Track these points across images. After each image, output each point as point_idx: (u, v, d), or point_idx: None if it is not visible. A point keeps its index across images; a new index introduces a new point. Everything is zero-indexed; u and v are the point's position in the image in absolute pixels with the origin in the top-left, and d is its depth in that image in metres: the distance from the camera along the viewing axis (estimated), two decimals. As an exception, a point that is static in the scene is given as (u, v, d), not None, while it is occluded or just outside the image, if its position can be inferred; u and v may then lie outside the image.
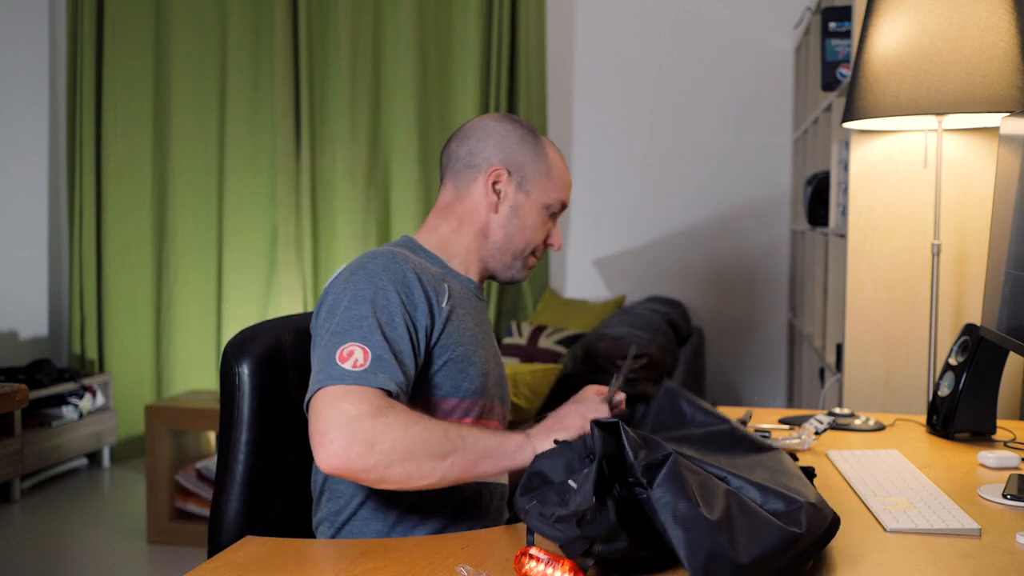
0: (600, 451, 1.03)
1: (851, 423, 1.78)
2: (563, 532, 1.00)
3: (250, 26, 4.52)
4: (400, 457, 1.19)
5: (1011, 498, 1.31)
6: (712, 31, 4.35)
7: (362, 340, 1.25)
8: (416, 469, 1.21)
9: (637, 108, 4.45)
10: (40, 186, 4.67)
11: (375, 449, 1.18)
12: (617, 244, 4.51)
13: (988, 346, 1.67)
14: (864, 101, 2.05)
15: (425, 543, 1.20)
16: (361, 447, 1.17)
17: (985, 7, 1.92)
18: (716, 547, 0.95)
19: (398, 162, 4.44)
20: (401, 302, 1.32)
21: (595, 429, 1.05)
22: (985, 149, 2.29)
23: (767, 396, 4.39)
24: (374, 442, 1.18)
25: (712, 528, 0.96)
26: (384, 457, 1.18)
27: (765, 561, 0.97)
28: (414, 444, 1.20)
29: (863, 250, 2.38)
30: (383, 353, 1.25)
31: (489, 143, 1.49)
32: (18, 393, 2.08)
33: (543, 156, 1.51)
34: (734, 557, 0.95)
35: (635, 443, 1.03)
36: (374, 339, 1.26)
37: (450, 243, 1.51)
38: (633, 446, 1.03)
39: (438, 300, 1.38)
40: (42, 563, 3.28)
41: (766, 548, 0.97)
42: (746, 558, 0.95)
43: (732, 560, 0.95)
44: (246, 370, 1.42)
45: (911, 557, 1.10)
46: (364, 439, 1.17)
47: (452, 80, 4.41)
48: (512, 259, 1.52)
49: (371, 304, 1.29)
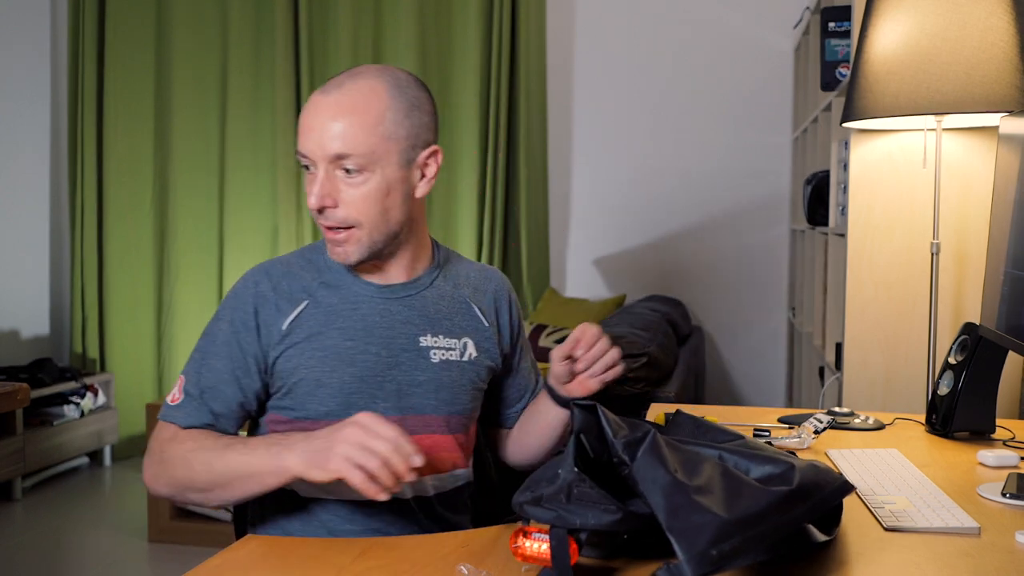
0: (577, 427, 1.05)
1: (850, 422, 1.78)
2: (553, 509, 1.00)
3: (251, 25, 4.53)
4: (179, 491, 1.32)
5: (1010, 497, 1.31)
6: (712, 31, 4.35)
7: (185, 373, 1.38)
8: (193, 499, 1.32)
9: (637, 108, 4.45)
10: (41, 185, 4.67)
11: (160, 481, 1.32)
12: (617, 244, 4.51)
13: (987, 345, 1.68)
14: (863, 101, 2.05)
15: (425, 542, 1.20)
16: (151, 478, 1.33)
17: (984, 7, 1.92)
18: (698, 509, 0.93)
19: (398, 161, 4.43)
20: (234, 330, 1.36)
21: (574, 409, 1.07)
22: (984, 149, 2.29)
23: (767, 395, 4.40)
24: (159, 475, 1.32)
25: (694, 491, 0.95)
26: (169, 489, 1.32)
27: (754, 518, 0.94)
28: (182, 482, 1.30)
29: (863, 249, 2.38)
30: (191, 389, 1.35)
31: None
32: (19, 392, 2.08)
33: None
34: (719, 513, 0.93)
35: (615, 424, 1.04)
36: (190, 373, 1.37)
37: None
38: (613, 427, 1.04)
39: (276, 323, 1.36)
40: (43, 562, 3.28)
41: (753, 507, 0.95)
42: (731, 515, 0.93)
43: (717, 516, 0.92)
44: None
45: (910, 556, 1.10)
46: (152, 472, 1.33)
47: (452, 80, 4.42)
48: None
49: (207, 335, 1.39)
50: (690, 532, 0.91)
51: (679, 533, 0.91)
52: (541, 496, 1.02)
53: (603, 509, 0.99)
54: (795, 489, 0.99)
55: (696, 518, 0.92)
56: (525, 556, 1.01)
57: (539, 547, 1.01)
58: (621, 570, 1.06)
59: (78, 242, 4.64)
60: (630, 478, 1.00)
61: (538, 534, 1.01)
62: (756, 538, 0.94)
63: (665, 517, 0.93)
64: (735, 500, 0.96)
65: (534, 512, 1.03)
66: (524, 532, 1.02)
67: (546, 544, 1.00)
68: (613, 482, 1.05)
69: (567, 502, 1.00)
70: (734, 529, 0.92)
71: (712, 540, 0.91)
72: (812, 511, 1.02)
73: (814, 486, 1.02)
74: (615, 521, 1.00)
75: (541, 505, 1.01)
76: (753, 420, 1.83)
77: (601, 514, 0.99)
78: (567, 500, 1.00)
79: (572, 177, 4.56)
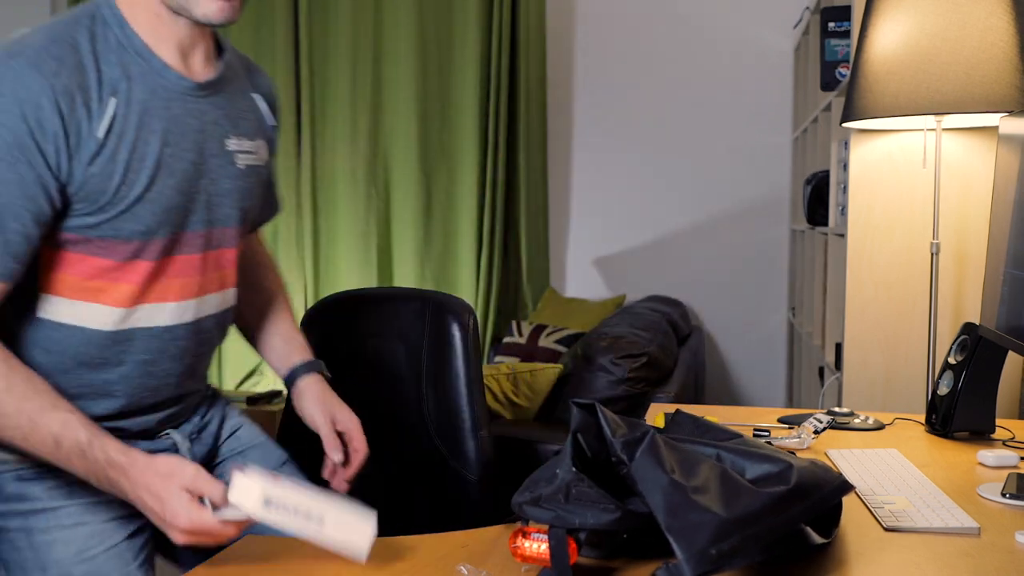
0: (574, 426, 1.05)
1: (850, 422, 1.78)
2: (551, 509, 1.00)
3: (251, 26, 4.52)
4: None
5: (1010, 497, 1.31)
6: (712, 31, 4.35)
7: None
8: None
9: (637, 108, 4.45)
10: (40, 186, 4.67)
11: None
12: (617, 244, 4.51)
13: (987, 345, 1.68)
14: (863, 101, 2.05)
15: (425, 542, 1.20)
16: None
17: (984, 7, 1.92)
18: (696, 508, 0.93)
19: (398, 162, 4.44)
20: (29, 131, 1.11)
21: (573, 408, 1.07)
22: (984, 149, 2.29)
23: (767, 395, 4.40)
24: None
25: (692, 491, 0.95)
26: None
27: (752, 517, 0.94)
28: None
29: (862, 249, 2.38)
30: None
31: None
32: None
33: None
34: (718, 512, 0.93)
35: (613, 423, 1.04)
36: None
37: (135, 4, 1.22)
38: (611, 426, 1.04)
39: (88, 129, 1.14)
40: (43, 562, 3.27)
41: (751, 506, 0.95)
42: (730, 513, 0.93)
43: (716, 515, 0.93)
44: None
45: (910, 556, 1.10)
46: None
47: (452, 80, 4.42)
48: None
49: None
50: (689, 531, 0.91)
51: (678, 532, 0.91)
52: (540, 496, 1.02)
53: (602, 508, 1.00)
54: (793, 488, 0.99)
55: (694, 517, 0.92)
56: (524, 556, 1.02)
57: (538, 547, 1.01)
58: (621, 570, 1.06)
59: (78, 242, 4.64)
60: (629, 477, 1.00)
61: (537, 534, 1.01)
62: (754, 537, 0.94)
63: (664, 516, 0.93)
64: (734, 499, 0.96)
65: (533, 512, 1.03)
66: (523, 532, 1.02)
67: (545, 544, 1.00)
68: (611, 481, 1.05)
69: (566, 502, 1.00)
70: (733, 528, 0.92)
71: (711, 539, 0.91)
72: (810, 510, 1.02)
73: (813, 485, 1.02)
74: (614, 520, 1.00)
75: (540, 505, 1.01)
76: (753, 420, 1.83)
77: (600, 513, 0.99)
78: (566, 500, 1.00)
79: (572, 177, 4.56)
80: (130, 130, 1.18)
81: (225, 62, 1.32)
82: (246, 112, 1.37)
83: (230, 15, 1.21)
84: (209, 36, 1.30)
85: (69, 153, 1.14)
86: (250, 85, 1.40)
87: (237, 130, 1.33)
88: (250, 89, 1.40)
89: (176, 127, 1.23)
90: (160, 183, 1.22)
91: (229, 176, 1.32)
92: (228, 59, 1.34)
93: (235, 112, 1.34)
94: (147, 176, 1.21)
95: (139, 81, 1.20)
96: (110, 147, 1.17)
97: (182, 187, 1.25)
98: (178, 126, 1.24)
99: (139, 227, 1.22)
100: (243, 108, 1.36)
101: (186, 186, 1.25)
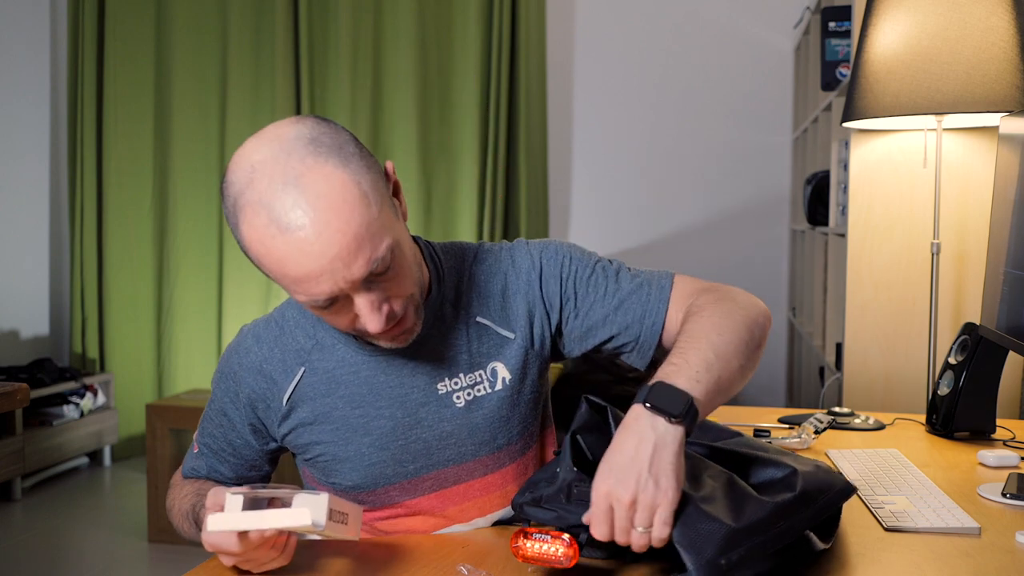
0: (574, 426, 1.05)
1: (851, 422, 1.78)
2: (552, 509, 1.00)
3: (251, 26, 4.52)
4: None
5: (1011, 497, 1.31)
6: (712, 31, 4.35)
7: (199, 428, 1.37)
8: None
9: (637, 108, 4.45)
10: (41, 186, 4.67)
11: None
12: (617, 244, 4.51)
13: (987, 345, 1.68)
14: (864, 101, 2.05)
15: (425, 542, 1.20)
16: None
17: (985, 7, 1.92)
18: (705, 517, 0.93)
19: (398, 161, 4.44)
20: (222, 408, 1.29)
21: (582, 405, 1.07)
22: (984, 148, 2.29)
23: (767, 395, 4.39)
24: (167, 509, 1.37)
25: (700, 500, 0.95)
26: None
27: (759, 526, 0.94)
28: (173, 524, 1.34)
29: (863, 250, 2.38)
30: (198, 440, 1.34)
31: None
32: (19, 392, 2.08)
33: (240, 236, 1.06)
34: (726, 521, 0.93)
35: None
36: (200, 425, 1.35)
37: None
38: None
39: (274, 398, 1.24)
40: (43, 562, 3.28)
41: (758, 514, 0.95)
42: (738, 523, 0.93)
43: (724, 524, 0.92)
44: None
45: (911, 556, 1.10)
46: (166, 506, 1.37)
47: (452, 80, 4.42)
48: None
49: (212, 395, 1.34)
50: (698, 542, 0.91)
51: (687, 543, 0.92)
52: (541, 497, 1.02)
53: None
54: (799, 495, 0.99)
55: (703, 527, 0.92)
56: (525, 557, 1.01)
57: (539, 547, 1.01)
58: (621, 570, 1.06)
59: (78, 242, 4.64)
60: None
61: (538, 535, 1.01)
62: (761, 546, 0.94)
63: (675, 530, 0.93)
64: (741, 508, 0.95)
65: (534, 513, 1.03)
66: (524, 533, 1.02)
67: (546, 544, 1.00)
68: None
69: (567, 502, 1.00)
70: (742, 537, 0.93)
71: (720, 549, 0.91)
72: (816, 516, 1.01)
73: (817, 491, 1.02)
74: None
75: (541, 506, 1.01)
76: (753, 420, 1.83)
77: None
78: (567, 500, 1.00)
79: (572, 177, 4.56)
80: (318, 397, 1.24)
81: (434, 301, 1.23)
82: (465, 345, 1.25)
83: (407, 340, 1.16)
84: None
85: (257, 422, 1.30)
86: (476, 306, 1.27)
87: (451, 370, 1.24)
88: (475, 314, 1.27)
89: (367, 388, 1.23)
90: (355, 443, 1.23)
91: (446, 419, 1.24)
92: (440, 288, 1.25)
93: (445, 350, 1.24)
94: (342, 438, 1.24)
95: (329, 349, 1.24)
96: (298, 414, 1.25)
97: (383, 443, 1.23)
98: (369, 387, 1.23)
99: (347, 482, 1.25)
100: (458, 342, 1.25)
101: (389, 442, 1.23)
